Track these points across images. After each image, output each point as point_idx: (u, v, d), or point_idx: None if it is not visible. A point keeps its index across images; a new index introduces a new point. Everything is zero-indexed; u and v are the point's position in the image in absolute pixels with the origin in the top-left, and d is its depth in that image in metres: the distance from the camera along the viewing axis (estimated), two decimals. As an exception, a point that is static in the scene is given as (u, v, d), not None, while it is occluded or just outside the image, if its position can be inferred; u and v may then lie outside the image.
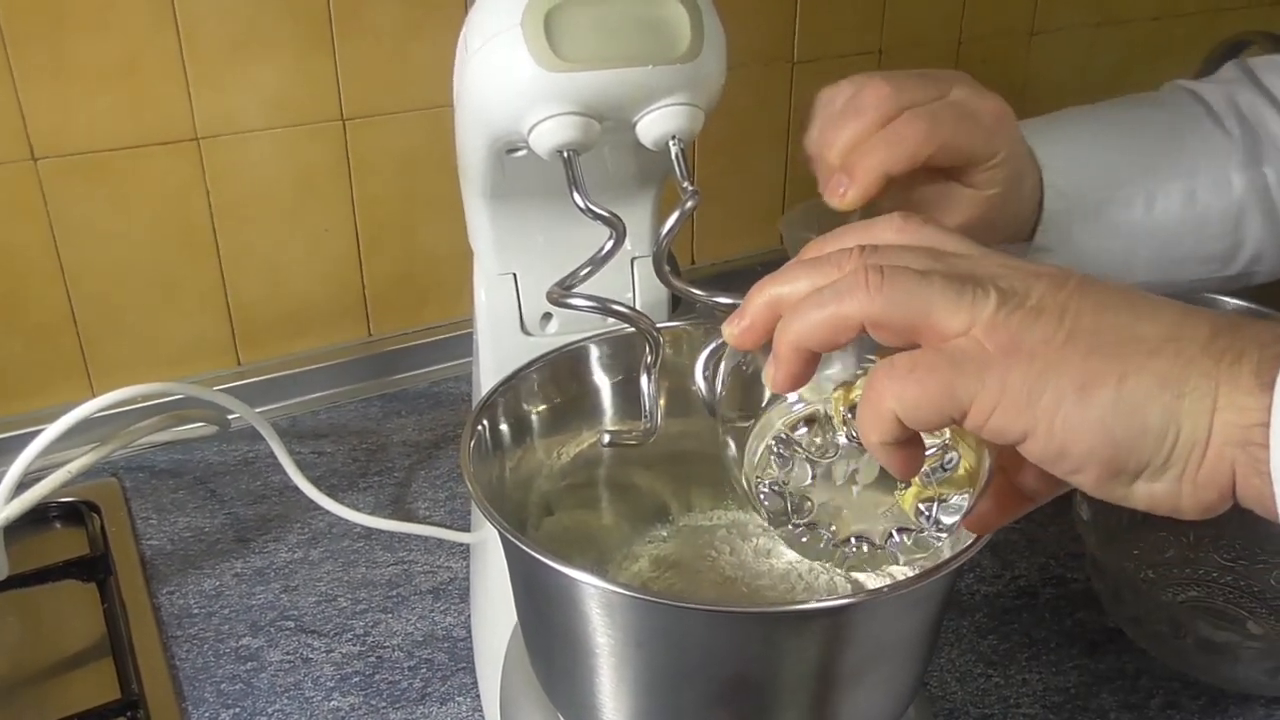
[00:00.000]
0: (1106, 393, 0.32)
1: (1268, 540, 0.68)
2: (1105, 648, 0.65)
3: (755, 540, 0.56)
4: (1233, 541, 0.69)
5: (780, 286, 0.37)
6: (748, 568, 0.55)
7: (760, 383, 0.40)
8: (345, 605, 0.68)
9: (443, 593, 0.69)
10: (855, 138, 0.48)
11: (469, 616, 0.67)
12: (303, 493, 0.75)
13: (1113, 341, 0.32)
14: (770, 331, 0.37)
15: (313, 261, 0.89)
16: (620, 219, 0.47)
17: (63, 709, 0.58)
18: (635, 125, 0.49)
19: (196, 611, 0.68)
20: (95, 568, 0.69)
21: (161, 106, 0.79)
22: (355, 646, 0.65)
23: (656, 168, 0.58)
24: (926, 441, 0.38)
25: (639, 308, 0.59)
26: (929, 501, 0.41)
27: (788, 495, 0.42)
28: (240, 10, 0.78)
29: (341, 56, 0.83)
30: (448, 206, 0.91)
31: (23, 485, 0.67)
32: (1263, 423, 0.31)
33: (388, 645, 0.65)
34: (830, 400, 0.41)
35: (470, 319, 0.62)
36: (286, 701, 0.61)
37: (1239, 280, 0.59)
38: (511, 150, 0.52)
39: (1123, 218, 0.56)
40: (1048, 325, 0.33)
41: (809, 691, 0.43)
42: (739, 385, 0.44)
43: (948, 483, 0.40)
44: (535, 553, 0.40)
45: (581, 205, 0.47)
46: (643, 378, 0.48)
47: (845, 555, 0.42)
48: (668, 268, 0.50)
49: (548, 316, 0.60)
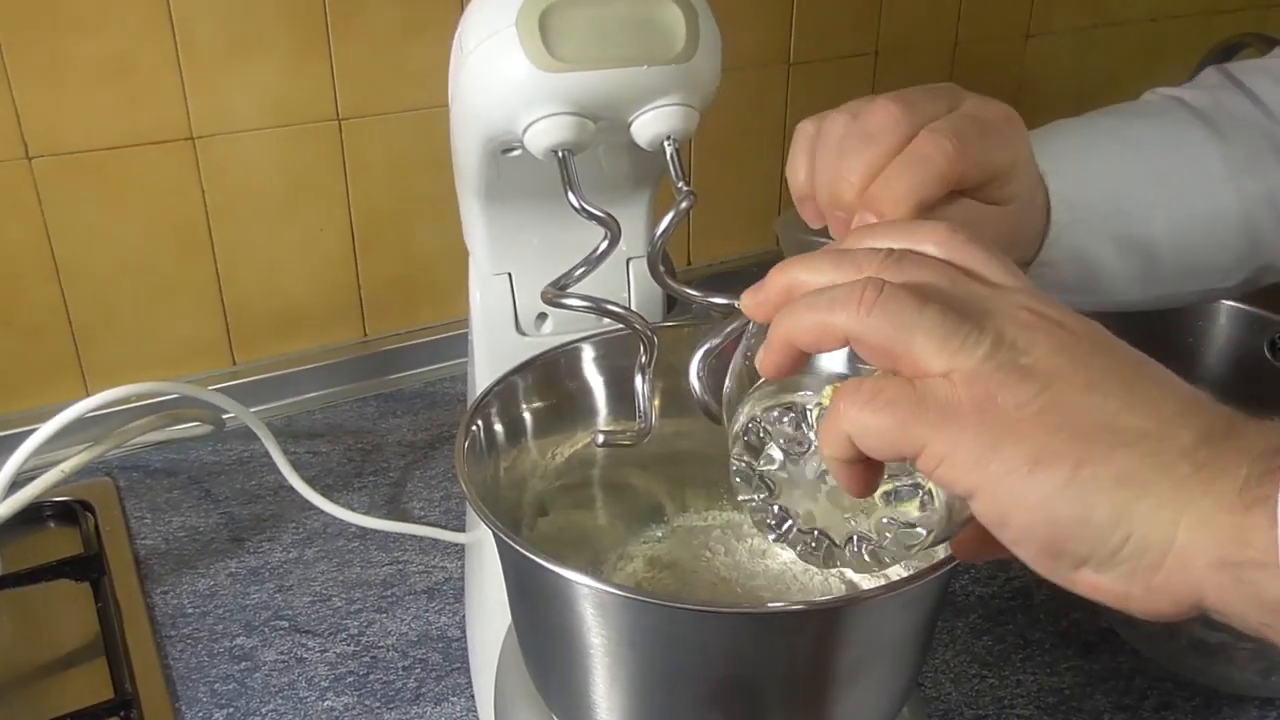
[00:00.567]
0: (1058, 474, 0.30)
1: (1261, 542, 0.68)
2: (1099, 648, 0.65)
3: (750, 541, 0.56)
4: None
5: (802, 271, 0.36)
6: (742, 568, 0.55)
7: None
8: (340, 605, 0.68)
9: (437, 593, 0.69)
10: (872, 167, 0.43)
11: (463, 616, 0.67)
12: (297, 492, 0.75)
13: (1086, 425, 0.31)
14: (779, 310, 0.37)
15: (308, 261, 0.89)
16: (615, 219, 0.47)
17: (56, 709, 0.58)
18: (630, 125, 0.49)
19: (190, 611, 0.68)
20: (89, 567, 0.69)
21: (157, 106, 0.79)
22: (350, 646, 0.65)
23: (652, 168, 0.58)
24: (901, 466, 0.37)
25: (634, 308, 0.59)
26: (891, 521, 0.40)
27: (752, 475, 0.42)
28: (236, 10, 0.78)
29: (337, 57, 0.83)
30: (443, 207, 0.91)
31: (16, 484, 0.68)
32: (1254, 545, 0.29)
33: (382, 645, 0.65)
34: (809, 399, 0.41)
35: (465, 319, 0.62)
36: (280, 701, 0.61)
37: (1251, 284, 0.58)
38: (506, 150, 0.52)
39: (1131, 230, 0.54)
40: (1027, 390, 0.31)
41: (803, 692, 0.43)
42: (749, 370, 0.43)
43: (904, 508, 0.39)
44: (529, 553, 0.40)
45: (576, 205, 0.47)
46: (637, 378, 0.48)
47: (806, 545, 0.42)
48: (662, 268, 0.50)
49: (543, 316, 0.60)
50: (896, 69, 1.11)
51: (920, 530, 0.38)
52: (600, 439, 0.50)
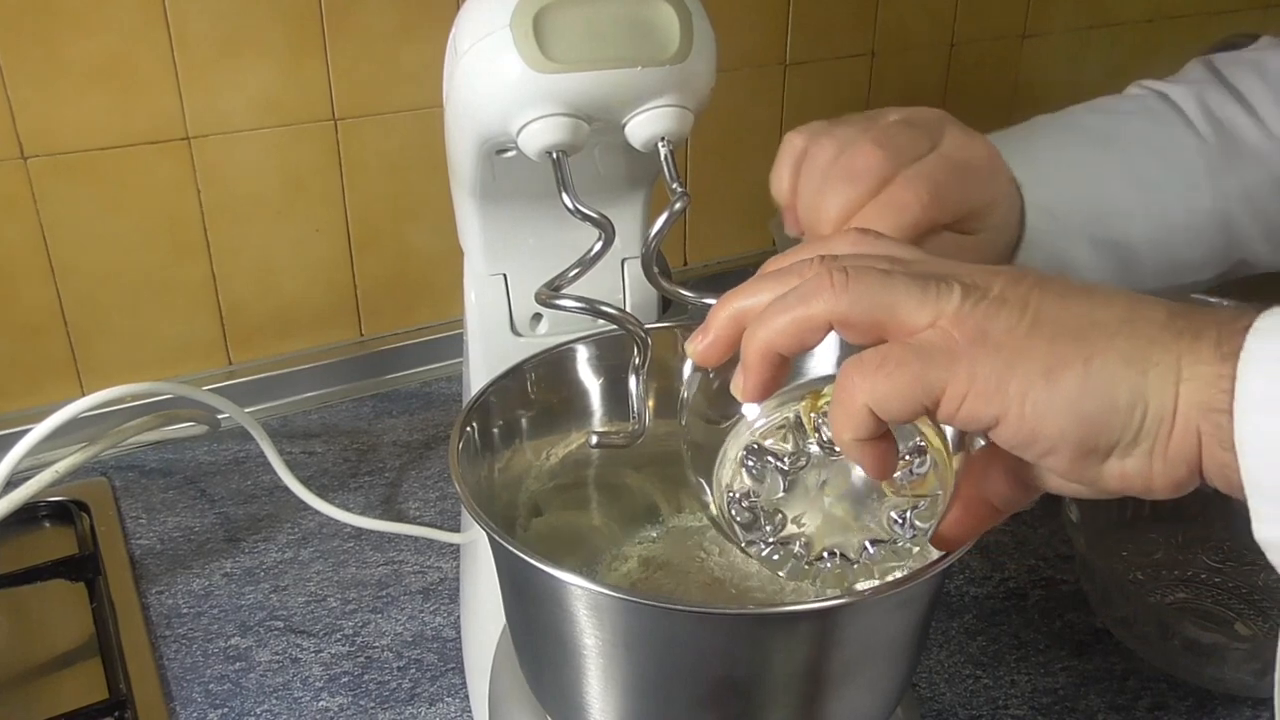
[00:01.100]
0: (1074, 374, 0.33)
1: (1255, 541, 0.68)
2: (1093, 649, 0.65)
3: (744, 541, 0.56)
4: (1221, 543, 0.70)
5: (744, 300, 0.38)
6: (736, 569, 0.55)
7: (725, 398, 0.40)
8: (335, 605, 0.68)
9: (432, 593, 0.69)
10: (849, 207, 0.45)
11: (458, 617, 0.67)
12: (293, 493, 0.75)
13: (1075, 328, 0.33)
14: (734, 345, 0.38)
15: (303, 261, 0.89)
16: (609, 220, 0.47)
17: (50, 709, 0.58)
18: (624, 126, 0.49)
19: (185, 611, 0.68)
20: (84, 567, 0.69)
21: (152, 106, 0.79)
22: (344, 647, 0.65)
23: (647, 169, 0.58)
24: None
25: (630, 309, 0.59)
26: (902, 510, 0.41)
27: (759, 510, 0.42)
28: (231, 10, 0.78)
29: (333, 57, 0.83)
30: (439, 207, 0.91)
31: (11, 484, 0.67)
32: (1226, 390, 0.31)
33: (377, 646, 0.65)
34: (799, 409, 0.41)
35: (461, 319, 0.62)
36: (275, 702, 0.61)
37: (1225, 277, 0.59)
38: (501, 151, 0.52)
39: (1109, 231, 0.55)
40: (1011, 314, 0.34)
41: (797, 692, 0.43)
42: (704, 400, 0.44)
43: (919, 485, 0.40)
44: (522, 554, 0.40)
45: (570, 206, 0.47)
46: (631, 379, 0.48)
47: (818, 571, 0.42)
48: (656, 269, 0.50)
49: (538, 317, 0.60)
50: (893, 70, 1.11)
51: (931, 504, 0.39)
52: (594, 440, 0.50)
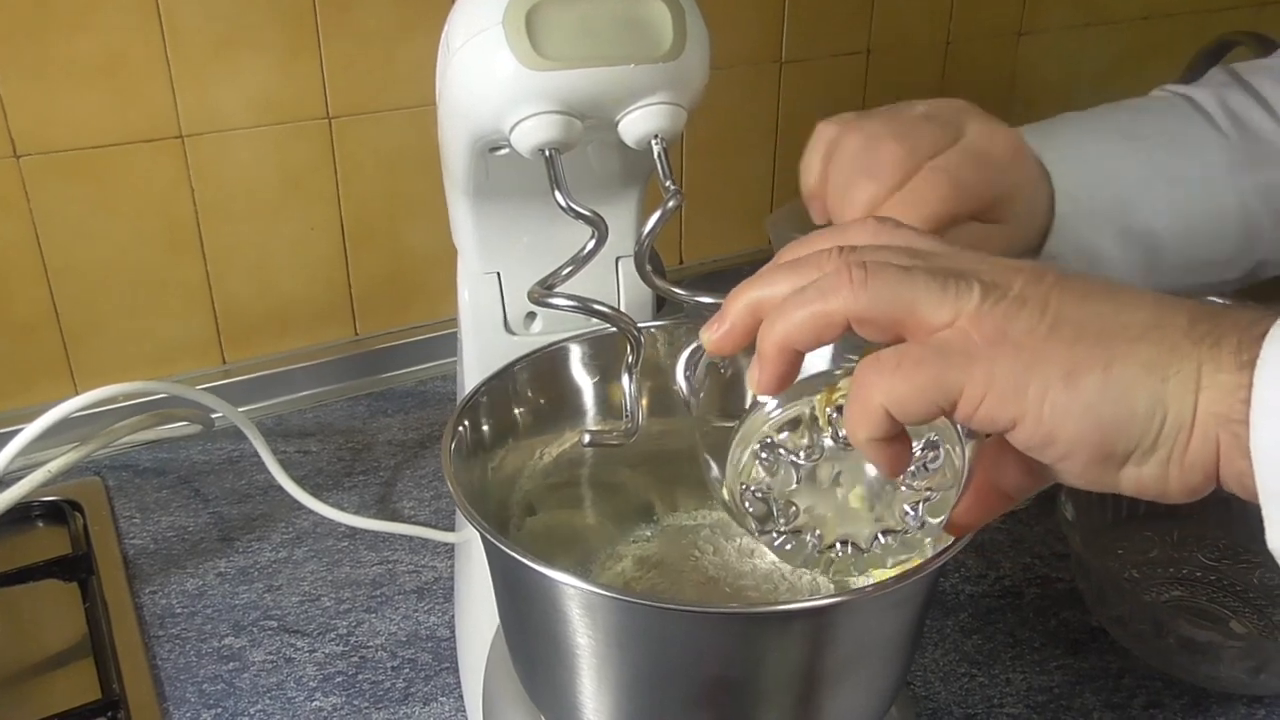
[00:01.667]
0: (1094, 379, 0.32)
1: (1251, 540, 0.68)
2: (1089, 647, 0.65)
3: (739, 540, 0.56)
4: (1216, 541, 0.70)
5: (760, 290, 0.37)
6: (730, 568, 0.55)
7: (739, 387, 0.40)
8: (329, 605, 0.68)
9: (427, 592, 0.69)
10: (873, 201, 0.47)
11: (453, 616, 0.67)
12: (287, 492, 0.75)
13: (1096, 330, 0.33)
14: (750, 335, 0.38)
15: (298, 260, 0.88)
16: (602, 218, 0.47)
17: (43, 709, 0.58)
18: (618, 124, 0.48)
19: (179, 611, 0.67)
20: (77, 567, 0.69)
21: (146, 104, 0.78)
22: (338, 646, 0.65)
23: (641, 167, 0.58)
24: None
25: (624, 307, 0.59)
26: (915, 502, 0.41)
27: (772, 501, 0.42)
28: (225, 8, 0.78)
29: (327, 55, 0.83)
30: (434, 205, 0.90)
31: (2, 484, 0.67)
32: (1244, 400, 0.31)
33: (371, 645, 0.65)
34: (814, 402, 0.41)
35: (455, 318, 0.62)
36: (269, 702, 0.61)
37: (1251, 278, 0.59)
38: (494, 149, 0.51)
39: (1134, 223, 0.55)
40: (1032, 315, 0.33)
41: (791, 692, 0.43)
42: (717, 389, 0.44)
43: (932, 479, 0.40)
44: (515, 553, 0.40)
45: (563, 204, 0.47)
46: (624, 377, 0.48)
47: (830, 560, 0.42)
48: (650, 267, 0.49)
49: (532, 316, 0.60)
50: (889, 67, 1.11)
51: (945, 496, 0.39)
52: (587, 439, 0.50)
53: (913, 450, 0.38)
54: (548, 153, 0.47)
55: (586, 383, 0.54)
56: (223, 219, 0.84)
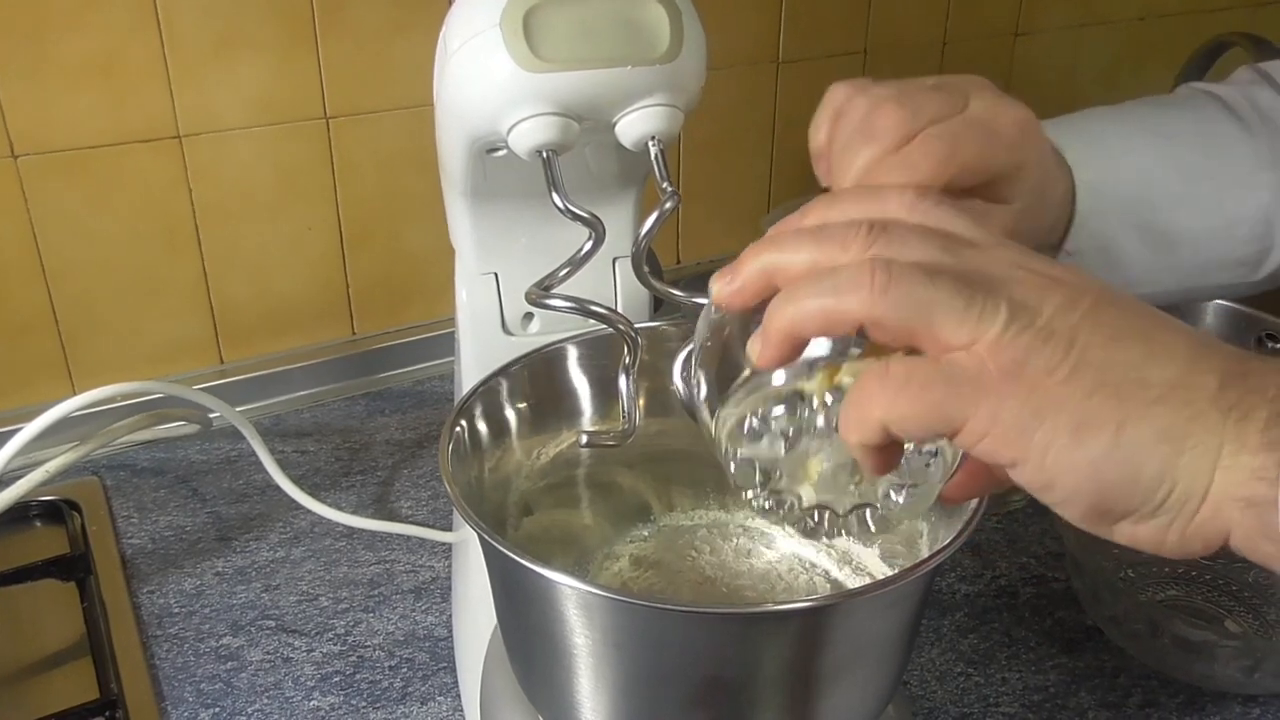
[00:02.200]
0: (1103, 438, 0.31)
1: None
2: (1084, 646, 0.65)
3: (735, 540, 0.57)
4: (1211, 541, 0.70)
5: (780, 254, 0.36)
6: (728, 567, 0.55)
7: (740, 346, 0.40)
8: (326, 605, 0.68)
9: (424, 592, 0.69)
10: (869, 164, 0.45)
11: (450, 616, 0.67)
12: (284, 492, 0.75)
13: (1118, 381, 0.31)
14: (759, 298, 0.36)
15: (296, 260, 0.88)
16: (599, 219, 0.47)
17: (41, 709, 0.58)
18: (615, 126, 0.49)
19: (177, 611, 0.67)
20: (75, 566, 0.69)
21: (143, 104, 0.78)
22: (336, 646, 0.65)
23: (638, 168, 0.58)
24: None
25: (621, 308, 0.59)
26: (899, 486, 0.41)
27: (757, 465, 0.42)
28: (222, 8, 0.78)
29: (324, 55, 0.83)
30: (431, 206, 0.91)
31: (1, 483, 0.67)
32: (1270, 480, 0.30)
33: (369, 645, 0.65)
34: (814, 379, 0.41)
35: (453, 318, 0.62)
36: (266, 701, 0.61)
37: (1266, 284, 0.58)
38: (491, 150, 0.52)
39: (1156, 219, 0.55)
40: (1054, 353, 0.32)
41: (787, 691, 0.43)
42: (719, 347, 0.43)
43: (920, 474, 0.40)
44: (513, 554, 0.40)
45: (560, 206, 0.47)
46: (621, 378, 0.48)
47: (806, 524, 0.42)
48: (647, 268, 0.50)
49: (529, 316, 0.60)
50: (886, 67, 1.11)
51: (935, 485, 0.39)
52: (584, 439, 0.50)
53: (903, 452, 0.37)
54: (545, 154, 0.47)
55: (583, 383, 0.54)
56: (220, 219, 0.84)
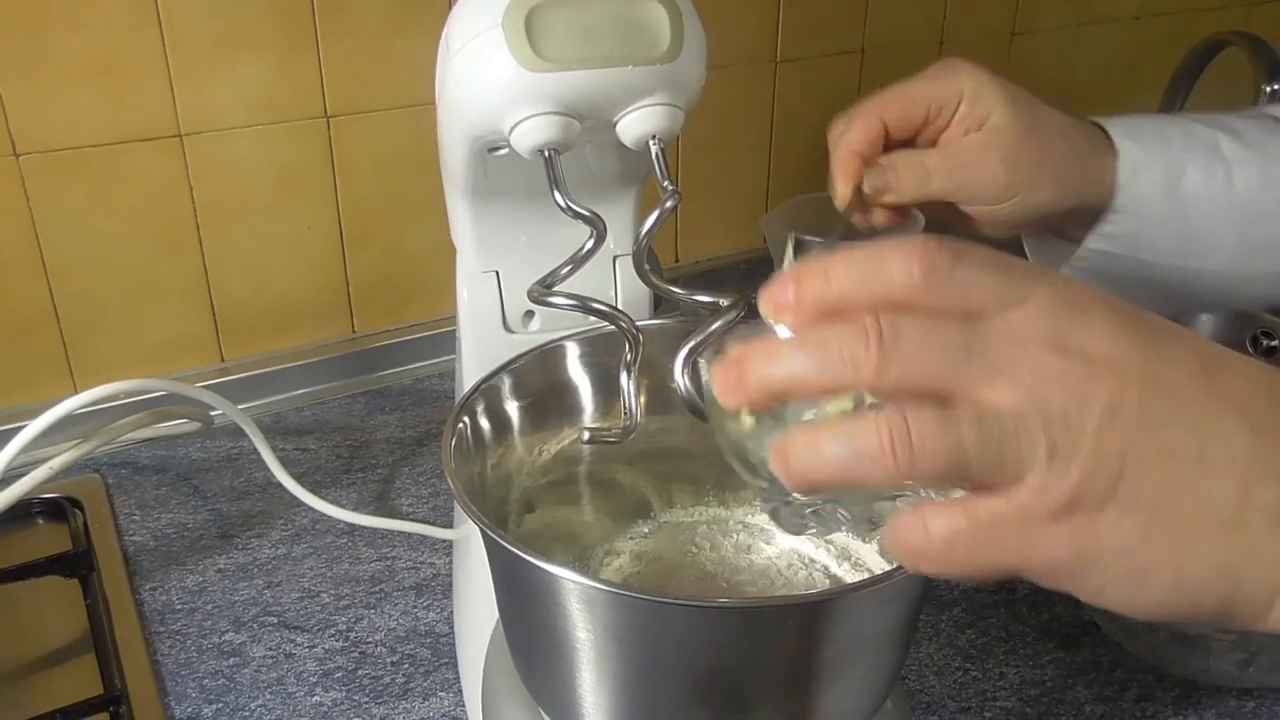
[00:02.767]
0: (1162, 583, 0.31)
1: None
2: (1080, 641, 0.66)
3: (735, 536, 0.57)
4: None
5: (777, 367, 0.32)
6: (727, 563, 0.55)
7: None
8: (328, 601, 0.68)
9: (425, 589, 0.69)
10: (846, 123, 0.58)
11: (451, 612, 0.67)
12: (286, 489, 0.76)
13: (1174, 513, 0.30)
14: (763, 404, 0.34)
15: (296, 259, 0.89)
16: (601, 218, 0.47)
17: (46, 704, 0.58)
18: (616, 125, 0.49)
19: (179, 607, 0.68)
20: (78, 564, 0.69)
21: (144, 103, 0.79)
22: (338, 642, 0.65)
23: (638, 167, 0.58)
24: None
25: (621, 306, 0.59)
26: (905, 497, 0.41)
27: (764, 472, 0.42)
28: (223, 7, 0.79)
29: (325, 54, 0.83)
30: (430, 204, 0.91)
31: (3, 481, 0.68)
32: None
33: (370, 641, 0.65)
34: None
35: (453, 316, 0.62)
36: (269, 697, 0.61)
37: None
38: (493, 149, 0.52)
39: (1202, 188, 0.54)
40: (1103, 484, 0.30)
41: (787, 685, 0.43)
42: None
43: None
44: (515, 549, 0.41)
45: (562, 204, 0.47)
46: (622, 375, 0.49)
47: (810, 520, 0.42)
48: (648, 266, 0.50)
49: (530, 314, 0.60)
50: (883, 67, 1.11)
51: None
52: (586, 436, 0.50)
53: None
54: (547, 153, 0.48)
55: (584, 381, 0.55)
56: (220, 218, 0.85)
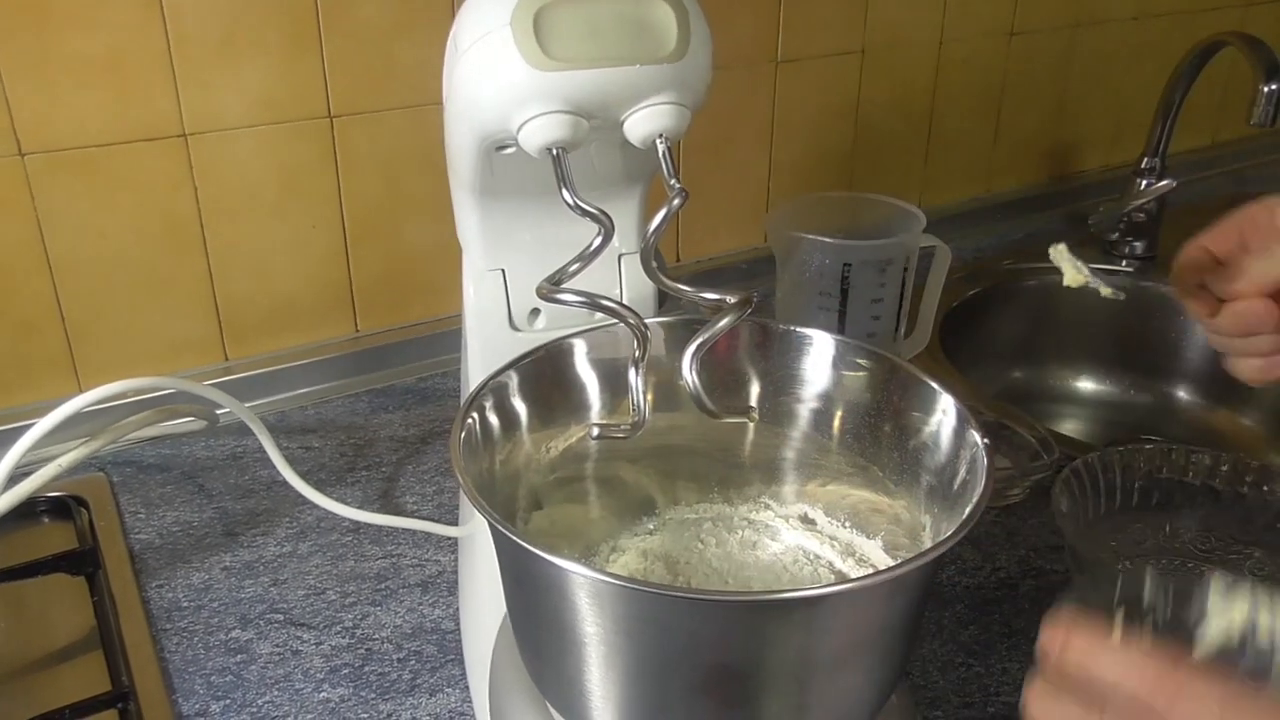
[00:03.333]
0: None
1: (1242, 530, 0.69)
2: (1083, 637, 0.66)
3: (740, 533, 0.57)
4: (1208, 532, 0.71)
5: None
6: (733, 559, 0.56)
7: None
8: (334, 598, 0.69)
9: (431, 586, 0.70)
10: None
11: (457, 609, 0.68)
12: (291, 487, 0.76)
13: None
14: None
15: (299, 258, 0.89)
16: (608, 215, 0.48)
17: (54, 700, 0.58)
18: (623, 124, 0.49)
19: (185, 605, 0.68)
20: (84, 561, 0.70)
21: (148, 102, 0.79)
22: (344, 639, 0.66)
23: (643, 166, 0.59)
24: None
25: (626, 303, 0.60)
26: None
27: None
28: (227, 7, 0.79)
29: (329, 54, 0.83)
30: (434, 203, 0.92)
31: (11, 479, 0.68)
32: None
33: (377, 638, 0.66)
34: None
35: (457, 315, 0.62)
36: (277, 693, 0.62)
37: None
38: (501, 148, 0.52)
39: None
40: None
41: (794, 679, 0.44)
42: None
43: None
44: (526, 543, 0.41)
45: (571, 202, 0.47)
46: (631, 371, 0.49)
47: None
48: (655, 264, 0.50)
49: (535, 312, 0.61)
50: (883, 67, 1.12)
51: None
52: (595, 431, 0.51)
53: None
54: (555, 151, 0.48)
55: (590, 378, 0.55)
56: (224, 217, 0.85)
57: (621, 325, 0.49)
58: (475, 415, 0.50)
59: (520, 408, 0.53)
